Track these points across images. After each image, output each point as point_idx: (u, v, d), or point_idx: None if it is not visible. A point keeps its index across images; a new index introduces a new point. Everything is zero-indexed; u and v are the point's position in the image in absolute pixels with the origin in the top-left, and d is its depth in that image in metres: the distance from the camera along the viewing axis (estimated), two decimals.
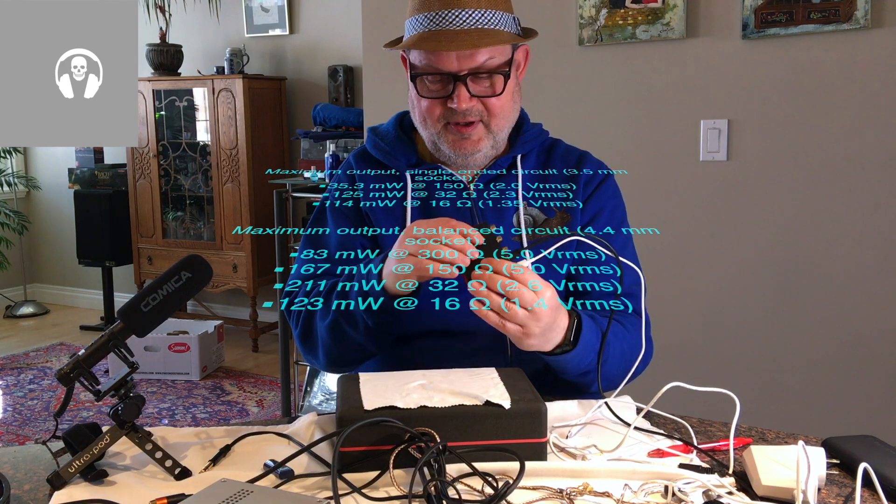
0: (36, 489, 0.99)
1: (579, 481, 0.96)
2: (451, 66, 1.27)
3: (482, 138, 1.33)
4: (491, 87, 1.31)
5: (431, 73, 1.30)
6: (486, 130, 1.33)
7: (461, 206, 1.38)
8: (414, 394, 1.04)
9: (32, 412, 3.74)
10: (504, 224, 1.38)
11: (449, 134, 1.33)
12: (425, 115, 1.34)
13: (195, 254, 1.06)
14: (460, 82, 1.28)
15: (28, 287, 5.71)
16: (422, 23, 1.28)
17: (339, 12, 4.59)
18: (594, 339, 1.23)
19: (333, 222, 1.42)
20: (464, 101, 1.29)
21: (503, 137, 1.37)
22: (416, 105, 1.35)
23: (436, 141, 1.36)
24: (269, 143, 4.72)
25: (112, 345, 1.01)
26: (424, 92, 1.32)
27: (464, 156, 1.35)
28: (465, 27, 1.25)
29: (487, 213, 1.38)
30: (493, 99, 1.31)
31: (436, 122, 1.33)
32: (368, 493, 0.93)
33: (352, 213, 1.41)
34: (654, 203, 2.52)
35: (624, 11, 2.48)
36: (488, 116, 1.32)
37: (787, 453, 0.95)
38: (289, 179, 3.70)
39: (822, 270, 2.35)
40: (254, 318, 4.70)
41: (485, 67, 1.28)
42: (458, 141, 1.33)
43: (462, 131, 1.32)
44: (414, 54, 1.32)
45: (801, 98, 2.32)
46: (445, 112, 1.31)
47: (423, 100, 1.33)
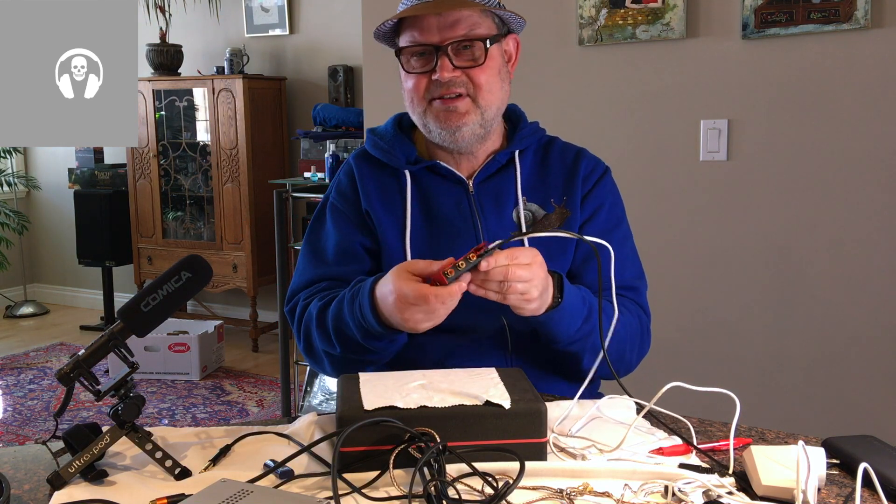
0: (36, 489, 0.99)
1: (579, 481, 0.96)
2: (433, 37, 1.30)
3: (468, 111, 1.34)
4: (473, 58, 1.32)
5: (415, 45, 1.32)
6: (473, 104, 1.34)
7: (460, 202, 1.39)
8: (414, 394, 1.04)
9: (32, 412, 3.74)
10: (503, 219, 1.38)
11: (435, 109, 1.34)
12: (413, 94, 1.35)
13: (195, 254, 1.06)
14: (442, 53, 1.30)
15: (28, 287, 5.72)
16: (405, 2, 1.33)
17: (339, 12, 4.59)
18: (579, 301, 1.26)
19: (334, 224, 1.42)
20: (446, 70, 1.30)
21: (492, 116, 1.37)
22: (405, 90, 1.37)
23: (424, 122, 1.36)
24: (269, 143, 4.72)
25: (112, 345, 1.01)
26: (410, 68, 1.34)
27: (450, 130, 1.34)
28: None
29: (486, 208, 1.38)
30: (476, 70, 1.32)
31: (421, 99, 1.34)
32: (368, 493, 0.93)
33: (353, 214, 1.41)
34: (654, 203, 2.52)
35: (624, 11, 2.48)
36: (474, 89, 1.33)
37: (787, 453, 0.95)
38: (289, 179, 3.71)
39: (821, 270, 2.35)
40: (254, 318, 4.70)
41: (467, 37, 1.31)
42: (444, 113, 1.34)
43: (448, 104, 1.33)
44: (402, 38, 1.35)
45: (801, 98, 2.32)
46: (431, 87, 1.33)
47: (410, 77, 1.35)
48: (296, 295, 1.42)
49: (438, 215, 1.38)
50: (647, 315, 1.42)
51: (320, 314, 1.31)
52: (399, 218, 1.38)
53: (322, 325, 1.31)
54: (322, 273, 1.40)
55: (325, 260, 1.41)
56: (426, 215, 1.38)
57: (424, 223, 1.38)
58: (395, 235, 1.37)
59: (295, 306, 1.40)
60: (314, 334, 1.33)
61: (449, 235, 1.36)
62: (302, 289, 1.42)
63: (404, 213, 1.38)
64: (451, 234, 1.36)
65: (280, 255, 3.48)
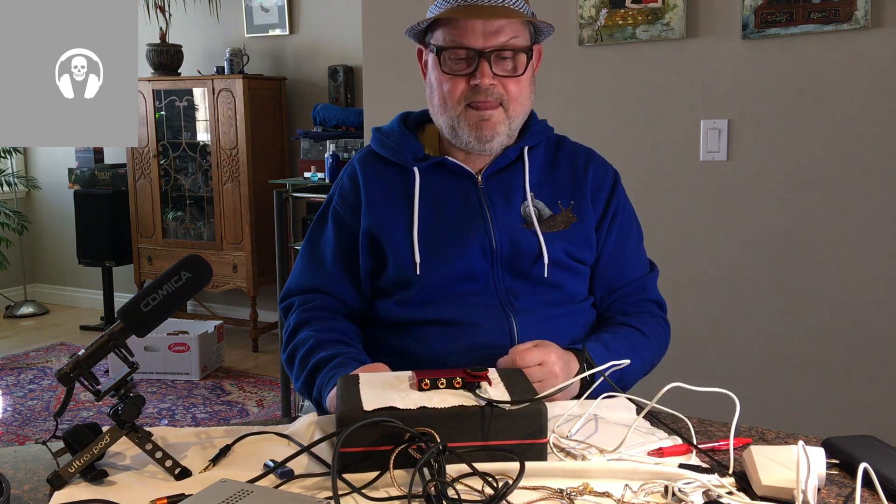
0: (36, 489, 0.99)
1: (579, 481, 0.96)
2: (477, 42, 1.30)
3: (500, 122, 1.35)
4: (514, 67, 1.33)
5: (457, 47, 1.31)
6: (505, 115, 1.35)
7: (469, 195, 1.39)
8: (414, 394, 1.04)
9: (32, 412, 3.74)
10: (511, 213, 1.38)
11: (470, 116, 1.34)
12: (446, 96, 1.35)
13: (195, 254, 1.06)
14: (484, 59, 1.30)
15: (28, 287, 5.72)
16: (449, 2, 1.31)
17: (339, 12, 4.59)
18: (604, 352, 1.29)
19: (334, 229, 1.42)
20: (487, 77, 1.30)
21: (517, 127, 1.39)
22: (437, 88, 1.36)
23: (455, 125, 1.36)
24: (269, 143, 4.72)
25: (112, 345, 1.01)
26: (447, 69, 1.34)
27: (481, 140, 1.35)
28: (494, 3, 1.29)
29: (495, 202, 1.39)
30: (513, 81, 1.33)
31: (457, 104, 1.34)
32: (368, 493, 0.93)
33: (353, 220, 1.41)
34: (654, 203, 2.52)
35: (624, 11, 2.48)
36: (508, 100, 1.34)
37: (786, 453, 0.95)
38: (289, 179, 3.71)
39: (821, 270, 2.35)
40: (254, 318, 4.70)
41: (508, 46, 1.31)
42: (479, 122, 1.34)
43: (483, 112, 1.33)
44: (439, 34, 1.34)
45: (801, 98, 2.32)
46: (468, 91, 1.33)
47: (446, 79, 1.34)
48: (292, 296, 1.44)
49: (446, 210, 1.38)
50: (662, 309, 1.47)
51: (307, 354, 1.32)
52: (406, 214, 1.38)
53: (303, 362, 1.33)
54: (319, 283, 1.41)
55: (324, 267, 1.42)
56: (434, 210, 1.38)
57: (433, 218, 1.38)
58: (402, 229, 1.37)
59: (289, 309, 1.42)
60: (297, 358, 1.34)
61: (457, 228, 1.37)
62: (298, 293, 1.43)
63: (412, 209, 1.38)
64: (459, 227, 1.37)
65: (280, 256, 3.48)
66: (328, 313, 1.39)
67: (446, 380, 1.06)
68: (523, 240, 1.36)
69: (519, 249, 1.36)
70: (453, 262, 1.34)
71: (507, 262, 1.36)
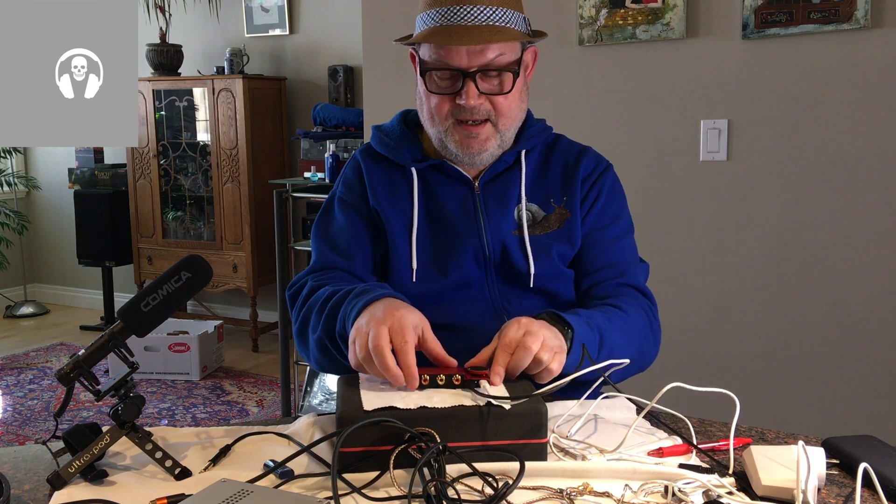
0: (36, 489, 0.99)
1: (579, 481, 0.96)
2: (461, 61, 1.28)
3: (489, 138, 1.34)
4: (500, 84, 1.31)
5: (441, 68, 1.30)
6: (494, 130, 1.34)
7: (465, 201, 1.39)
8: (414, 394, 1.04)
9: (32, 412, 3.74)
10: (507, 219, 1.38)
11: (457, 132, 1.33)
12: (433, 112, 1.34)
13: (195, 254, 1.06)
14: (469, 79, 1.28)
15: (28, 287, 5.72)
16: (433, 18, 1.29)
17: (339, 12, 4.59)
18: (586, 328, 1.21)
19: (344, 216, 1.41)
20: (472, 98, 1.29)
21: (510, 137, 1.38)
22: (425, 101, 1.35)
23: (443, 139, 1.35)
24: (269, 143, 4.72)
25: (112, 345, 1.01)
26: (433, 87, 1.32)
27: (470, 155, 1.35)
28: (477, 23, 1.26)
29: (491, 208, 1.38)
30: (501, 98, 1.31)
31: (444, 120, 1.33)
32: (368, 493, 0.93)
33: (362, 206, 1.41)
34: (654, 203, 2.52)
35: (624, 11, 2.48)
36: (496, 116, 1.32)
37: (786, 453, 0.95)
38: (289, 179, 3.71)
39: (821, 270, 2.35)
40: (254, 318, 4.70)
41: (494, 64, 1.29)
42: (466, 140, 1.33)
43: (470, 130, 1.32)
44: (424, 50, 1.32)
45: (801, 98, 2.32)
46: (454, 109, 1.32)
47: (432, 96, 1.33)
48: (303, 277, 1.38)
49: (443, 215, 1.38)
50: (647, 298, 1.41)
51: (326, 300, 1.26)
52: (406, 216, 1.38)
53: (321, 309, 1.26)
54: (334, 261, 1.37)
55: (336, 248, 1.39)
56: (431, 215, 1.38)
57: (429, 223, 1.38)
58: (402, 233, 1.37)
59: (302, 287, 1.36)
60: (315, 310, 1.28)
61: (452, 235, 1.37)
62: (313, 272, 1.38)
63: (411, 212, 1.38)
64: (454, 235, 1.37)
65: (280, 256, 3.48)
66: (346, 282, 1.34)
67: (445, 377, 1.06)
68: (513, 249, 1.36)
69: (509, 258, 1.36)
70: (448, 272, 1.34)
71: (500, 269, 1.36)
